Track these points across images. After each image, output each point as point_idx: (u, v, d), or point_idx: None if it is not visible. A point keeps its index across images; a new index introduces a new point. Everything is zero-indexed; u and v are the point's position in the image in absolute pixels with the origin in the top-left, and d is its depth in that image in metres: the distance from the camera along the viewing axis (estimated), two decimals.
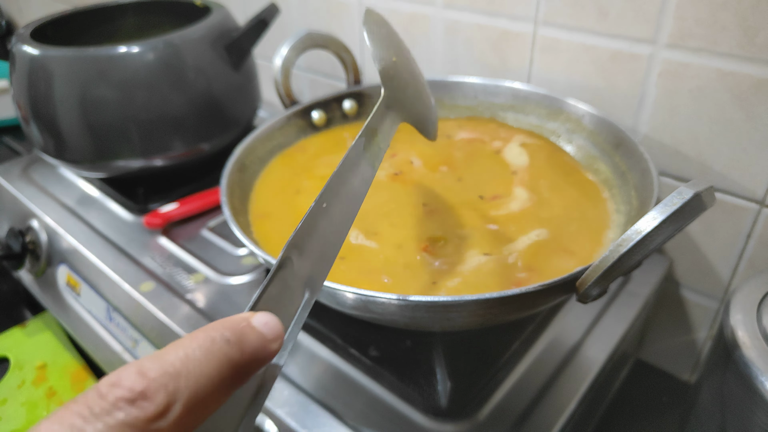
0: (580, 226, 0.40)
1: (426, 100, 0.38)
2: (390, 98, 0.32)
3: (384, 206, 0.43)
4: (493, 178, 0.46)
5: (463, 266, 0.36)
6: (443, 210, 0.42)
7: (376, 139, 0.29)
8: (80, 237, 0.56)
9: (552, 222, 0.40)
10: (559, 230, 0.39)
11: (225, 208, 0.38)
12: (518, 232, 0.39)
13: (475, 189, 0.44)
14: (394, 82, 0.33)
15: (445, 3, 0.58)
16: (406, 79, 0.35)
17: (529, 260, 0.37)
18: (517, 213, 0.41)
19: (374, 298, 0.29)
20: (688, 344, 0.56)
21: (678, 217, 0.25)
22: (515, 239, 0.39)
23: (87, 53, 0.51)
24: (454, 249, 0.38)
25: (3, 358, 0.62)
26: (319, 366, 0.41)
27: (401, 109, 0.33)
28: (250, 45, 0.59)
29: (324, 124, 0.54)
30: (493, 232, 0.39)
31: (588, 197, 0.43)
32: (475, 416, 0.37)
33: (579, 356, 0.42)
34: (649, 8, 0.45)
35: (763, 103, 0.42)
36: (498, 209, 0.42)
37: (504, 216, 0.41)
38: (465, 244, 0.38)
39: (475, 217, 0.41)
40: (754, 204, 0.46)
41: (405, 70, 0.35)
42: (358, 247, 0.39)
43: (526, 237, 0.39)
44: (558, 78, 0.53)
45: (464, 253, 0.37)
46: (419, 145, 0.50)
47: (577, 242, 0.38)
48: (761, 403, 0.34)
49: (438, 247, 0.38)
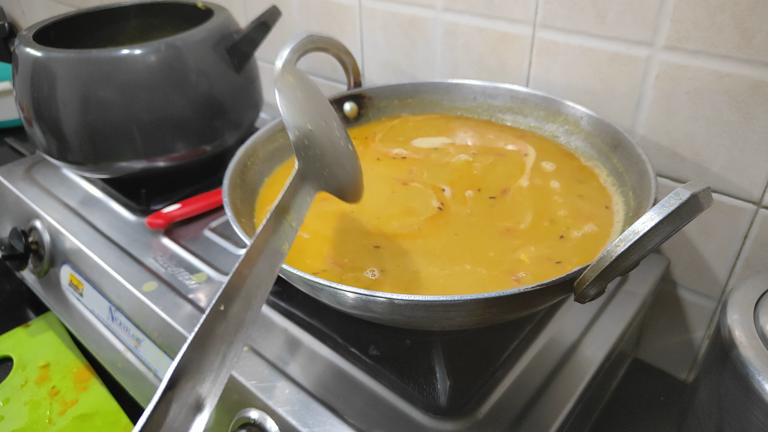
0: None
1: (347, 165, 0.35)
2: (305, 169, 0.30)
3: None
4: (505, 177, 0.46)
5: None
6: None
7: (288, 217, 0.27)
8: (83, 237, 0.56)
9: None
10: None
11: (227, 209, 0.38)
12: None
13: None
14: (310, 152, 0.31)
15: (444, 6, 0.59)
16: (324, 147, 0.32)
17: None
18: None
19: (374, 297, 0.30)
20: (685, 344, 0.56)
21: (675, 218, 0.26)
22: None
23: (89, 55, 0.52)
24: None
25: (6, 357, 0.62)
26: (319, 365, 0.41)
27: (318, 179, 0.31)
28: (252, 47, 0.59)
29: None
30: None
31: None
32: (474, 414, 0.37)
33: (577, 355, 0.42)
34: (646, 11, 0.45)
35: (760, 104, 0.43)
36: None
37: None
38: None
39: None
40: (750, 205, 0.46)
41: (322, 137, 0.33)
42: None
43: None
44: (556, 80, 0.54)
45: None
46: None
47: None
48: (758, 402, 0.34)
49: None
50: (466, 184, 0.46)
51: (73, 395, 0.57)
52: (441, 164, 0.49)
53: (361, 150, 0.52)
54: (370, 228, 0.41)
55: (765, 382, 0.33)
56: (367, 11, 0.66)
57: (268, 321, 0.45)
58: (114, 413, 0.55)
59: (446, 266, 0.37)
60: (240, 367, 0.41)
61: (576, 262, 0.37)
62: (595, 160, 0.47)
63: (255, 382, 0.40)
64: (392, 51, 0.67)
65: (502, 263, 0.37)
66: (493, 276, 0.36)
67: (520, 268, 0.36)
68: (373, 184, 0.46)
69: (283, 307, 0.46)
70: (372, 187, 0.45)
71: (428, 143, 0.52)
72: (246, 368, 0.41)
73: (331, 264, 0.38)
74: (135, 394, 0.52)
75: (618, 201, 0.42)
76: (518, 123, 0.53)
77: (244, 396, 0.40)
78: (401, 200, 0.44)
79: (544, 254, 0.38)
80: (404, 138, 0.53)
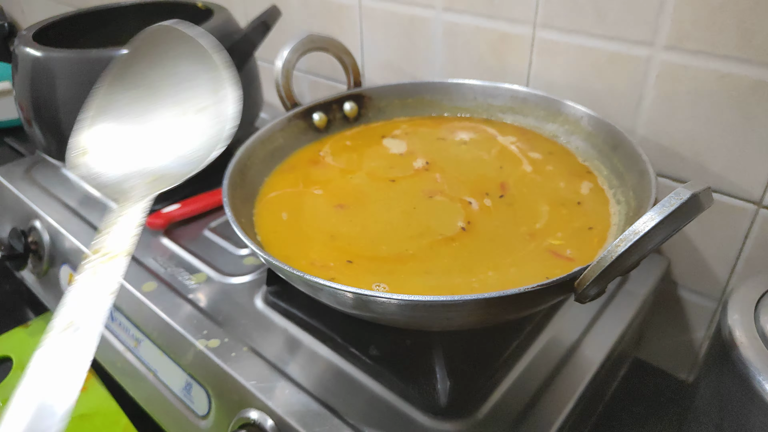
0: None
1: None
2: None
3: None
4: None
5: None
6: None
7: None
8: (82, 237, 0.56)
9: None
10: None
11: (227, 209, 0.38)
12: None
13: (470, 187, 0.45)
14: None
15: (444, 6, 0.59)
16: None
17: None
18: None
19: (374, 297, 0.30)
20: (686, 344, 0.56)
21: (676, 218, 0.26)
22: None
23: (89, 55, 0.52)
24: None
25: (5, 358, 0.62)
26: (319, 365, 0.41)
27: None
28: (251, 47, 0.59)
29: (324, 125, 0.54)
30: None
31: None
32: (474, 415, 0.37)
33: (577, 355, 0.42)
34: (646, 10, 0.45)
35: (760, 104, 0.42)
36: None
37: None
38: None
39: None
40: (751, 205, 0.46)
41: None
42: None
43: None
44: (556, 80, 0.54)
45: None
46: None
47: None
48: (758, 403, 0.34)
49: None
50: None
51: None
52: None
53: (361, 150, 0.52)
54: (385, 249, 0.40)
55: (765, 382, 0.33)
56: (367, 11, 0.66)
57: (267, 321, 0.45)
58: (113, 413, 0.55)
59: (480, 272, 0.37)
60: (240, 368, 0.41)
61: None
62: (595, 160, 0.47)
63: (255, 383, 0.40)
64: (392, 51, 0.67)
65: (538, 256, 0.38)
66: (536, 267, 0.37)
67: (561, 250, 0.37)
68: (390, 201, 0.45)
69: (283, 307, 0.46)
70: (390, 205, 0.44)
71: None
72: (246, 368, 0.41)
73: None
74: (134, 394, 0.52)
75: (618, 201, 0.42)
76: (518, 123, 0.53)
77: (244, 396, 0.40)
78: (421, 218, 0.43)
79: (575, 228, 0.39)
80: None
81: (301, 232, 0.42)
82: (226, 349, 0.42)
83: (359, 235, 0.41)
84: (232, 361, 0.41)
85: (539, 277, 0.36)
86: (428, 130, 0.54)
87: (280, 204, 0.45)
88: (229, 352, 0.42)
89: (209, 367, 0.42)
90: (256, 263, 0.51)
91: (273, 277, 0.47)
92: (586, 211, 0.42)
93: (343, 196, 0.45)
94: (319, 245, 0.40)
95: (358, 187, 0.46)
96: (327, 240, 0.40)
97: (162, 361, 0.46)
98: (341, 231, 0.41)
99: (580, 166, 0.47)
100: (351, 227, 0.42)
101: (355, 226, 0.42)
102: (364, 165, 0.49)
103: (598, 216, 0.41)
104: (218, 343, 0.43)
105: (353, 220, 0.42)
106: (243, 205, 0.43)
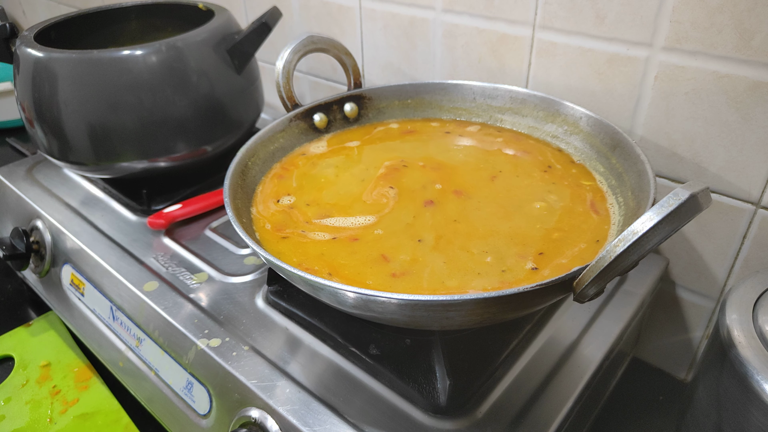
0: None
1: None
2: None
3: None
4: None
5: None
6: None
7: None
8: (84, 237, 0.56)
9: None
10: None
11: (229, 209, 0.38)
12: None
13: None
14: None
15: (444, 7, 0.59)
16: None
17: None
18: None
19: (374, 297, 0.30)
20: (684, 343, 0.56)
21: (674, 218, 0.26)
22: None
23: (90, 56, 0.52)
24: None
25: (7, 357, 0.62)
26: (320, 364, 0.42)
27: None
28: (252, 48, 0.59)
29: (325, 126, 0.55)
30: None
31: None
32: (473, 413, 0.37)
33: (576, 355, 0.42)
34: (645, 12, 0.46)
35: (758, 105, 0.43)
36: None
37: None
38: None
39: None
40: (749, 205, 0.46)
41: None
42: None
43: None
44: (555, 81, 0.54)
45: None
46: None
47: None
48: (757, 402, 0.34)
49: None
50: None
51: (74, 394, 0.57)
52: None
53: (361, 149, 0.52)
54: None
55: (763, 381, 0.34)
56: (367, 12, 0.66)
57: (268, 320, 0.45)
58: (115, 412, 0.55)
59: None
60: (240, 367, 0.41)
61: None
62: (594, 160, 0.47)
63: (255, 382, 0.40)
64: (392, 52, 0.67)
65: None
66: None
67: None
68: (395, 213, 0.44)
69: (284, 306, 0.46)
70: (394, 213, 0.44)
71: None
72: (246, 367, 0.41)
73: None
74: (136, 394, 0.52)
75: (617, 201, 0.42)
76: (517, 124, 0.53)
77: (245, 395, 0.40)
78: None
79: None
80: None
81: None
82: (227, 348, 0.43)
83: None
84: (233, 360, 0.42)
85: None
86: (428, 130, 0.55)
87: None
88: (230, 351, 0.42)
89: (210, 366, 0.42)
90: (257, 263, 0.51)
91: (274, 277, 0.47)
92: (585, 211, 0.42)
93: (340, 197, 0.46)
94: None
95: (355, 189, 0.47)
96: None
97: (163, 360, 0.47)
98: None
99: (579, 167, 0.47)
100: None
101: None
102: (364, 165, 0.50)
103: (596, 216, 0.41)
104: (219, 342, 0.43)
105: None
106: (244, 206, 0.43)
